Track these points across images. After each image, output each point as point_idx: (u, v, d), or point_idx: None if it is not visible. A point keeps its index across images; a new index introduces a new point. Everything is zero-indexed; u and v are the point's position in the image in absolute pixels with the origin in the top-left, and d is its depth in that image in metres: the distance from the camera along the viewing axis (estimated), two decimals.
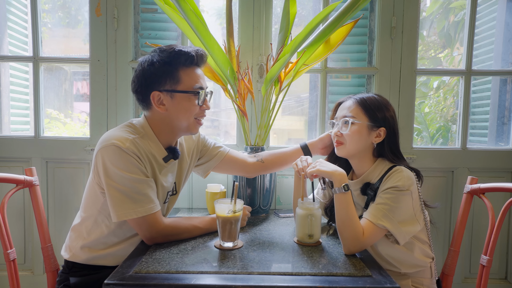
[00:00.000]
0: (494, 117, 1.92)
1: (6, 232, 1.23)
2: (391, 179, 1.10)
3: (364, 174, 1.20)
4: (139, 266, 0.91)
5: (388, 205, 1.07)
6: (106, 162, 1.03)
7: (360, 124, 1.16)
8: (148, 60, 1.08)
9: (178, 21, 1.35)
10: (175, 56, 1.07)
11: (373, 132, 1.17)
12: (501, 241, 1.82)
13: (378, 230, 1.06)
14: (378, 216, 1.06)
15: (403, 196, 1.07)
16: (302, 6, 2.09)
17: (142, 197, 1.04)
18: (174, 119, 1.12)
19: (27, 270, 1.80)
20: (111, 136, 1.06)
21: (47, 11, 2.06)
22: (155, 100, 1.09)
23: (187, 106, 1.10)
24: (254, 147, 1.55)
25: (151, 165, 1.12)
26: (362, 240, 1.03)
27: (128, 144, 1.04)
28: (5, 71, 1.84)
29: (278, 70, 1.41)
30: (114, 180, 1.02)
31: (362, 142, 1.17)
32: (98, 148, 1.05)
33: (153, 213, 1.05)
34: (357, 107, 1.18)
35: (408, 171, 1.12)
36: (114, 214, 1.03)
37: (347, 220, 1.04)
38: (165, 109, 1.10)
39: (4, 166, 1.75)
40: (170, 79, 1.08)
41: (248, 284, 0.83)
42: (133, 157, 1.04)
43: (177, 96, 1.09)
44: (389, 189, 1.08)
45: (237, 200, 1.07)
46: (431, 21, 3.07)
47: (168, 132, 1.15)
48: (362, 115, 1.17)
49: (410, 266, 1.18)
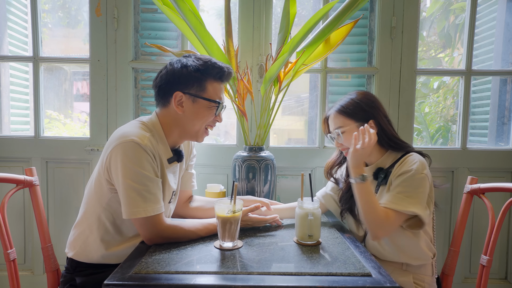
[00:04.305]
0: (494, 117, 1.92)
1: (6, 232, 1.23)
2: (405, 164, 1.16)
3: (377, 161, 1.27)
4: (138, 267, 0.91)
5: (408, 190, 1.12)
6: (123, 158, 1.03)
7: (348, 128, 1.23)
8: (182, 62, 1.13)
9: (177, 21, 1.35)
10: (210, 67, 1.13)
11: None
12: (501, 241, 1.82)
13: (403, 216, 1.11)
14: (402, 204, 1.11)
15: (421, 180, 1.13)
16: (302, 6, 2.09)
17: (152, 196, 1.05)
18: (187, 122, 1.16)
19: (27, 270, 1.80)
20: (128, 132, 1.06)
21: (47, 11, 2.06)
22: (176, 99, 1.13)
23: (205, 113, 1.15)
24: (253, 147, 1.55)
25: (161, 164, 1.14)
26: (387, 225, 1.10)
27: (146, 142, 1.06)
28: (5, 71, 1.84)
29: (277, 70, 1.41)
30: (129, 177, 1.03)
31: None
32: (115, 143, 1.05)
33: (159, 214, 1.07)
34: (339, 116, 1.26)
35: (420, 156, 1.19)
36: (126, 211, 1.04)
37: (369, 208, 1.11)
38: (182, 110, 1.14)
39: (4, 166, 1.75)
40: (197, 85, 1.13)
41: (248, 284, 0.83)
42: (150, 155, 1.06)
43: (200, 102, 1.14)
44: (405, 174, 1.13)
45: (236, 200, 1.07)
46: (431, 21, 3.07)
47: (177, 133, 1.18)
48: (347, 120, 1.24)
49: (413, 257, 1.20)
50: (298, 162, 1.78)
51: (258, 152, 1.54)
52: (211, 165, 1.79)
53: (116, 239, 1.14)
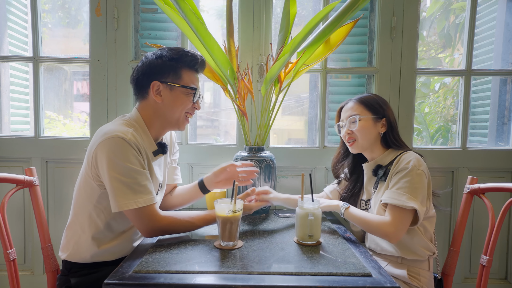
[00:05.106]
0: (494, 117, 1.92)
1: (6, 232, 1.23)
2: (403, 161, 1.21)
3: (377, 158, 1.34)
4: (139, 266, 0.91)
5: (406, 188, 1.16)
6: (109, 153, 1.05)
7: (365, 118, 1.31)
8: (156, 53, 1.19)
9: (178, 21, 1.35)
10: (182, 55, 1.18)
11: (378, 123, 1.31)
12: (501, 241, 1.82)
13: (405, 212, 1.14)
14: (402, 199, 1.14)
15: (419, 176, 1.17)
16: (302, 6, 2.09)
17: (142, 188, 1.07)
18: (167, 111, 1.19)
19: (27, 270, 1.80)
20: (112, 129, 1.08)
21: (47, 11, 2.06)
22: (154, 89, 1.17)
23: (183, 100, 1.19)
24: (253, 147, 1.55)
25: (147, 157, 1.17)
26: (392, 229, 1.13)
27: (130, 136, 1.08)
28: (5, 71, 1.84)
29: (278, 70, 1.41)
30: (116, 171, 1.04)
31: (372, 134, 1.31)
32: (100, 140, 1.07)
33: (152, 205, 1.08)
34: (359, 105, 1.33)
35: (417, 154, 1.25)
36: (114, 204, 1.05)
37: (365, 224, 1.18)
38: (161, 99, 1.18)
39: (4, 166, 1.75)
40: (173, 73, 1.18)
41: (248, 284, 0.83)
42: (134, 149, 1.08)
43: (176, 90, 1.18)
44: (403, 171, 1.18)
45: (237, 200, 1.07)
46: (431, 21, 3.07)
47: (158, 125, 1.22)
48: (366, 111, 1.32)
49: (408, 252, 1.23)
50: (298, 162, 1.78)
51: (258, 152, 1.54)
52: (211, 165, 1.78)
53: (107, 236, 1.16)
